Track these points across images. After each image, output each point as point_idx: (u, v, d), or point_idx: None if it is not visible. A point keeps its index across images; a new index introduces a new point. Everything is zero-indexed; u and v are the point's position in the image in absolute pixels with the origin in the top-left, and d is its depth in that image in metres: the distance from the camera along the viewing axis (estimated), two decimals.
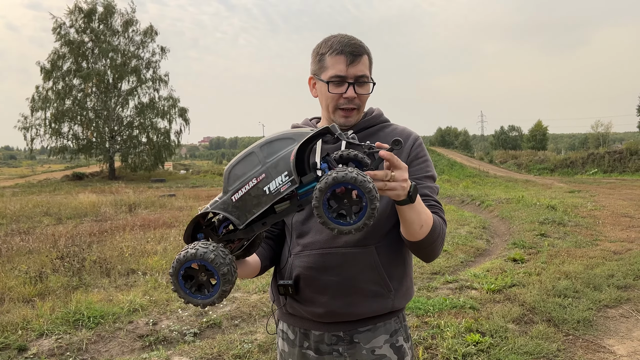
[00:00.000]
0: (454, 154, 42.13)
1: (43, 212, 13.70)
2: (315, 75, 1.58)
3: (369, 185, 1.06)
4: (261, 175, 1.16)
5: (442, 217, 1.51)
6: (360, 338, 1.55)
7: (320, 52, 1.55)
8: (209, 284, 1.21)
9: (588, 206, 13.11)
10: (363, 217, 1.09)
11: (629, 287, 5.64)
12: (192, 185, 28.69)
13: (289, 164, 1.13)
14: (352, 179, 1.05)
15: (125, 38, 37.20)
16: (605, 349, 4.05)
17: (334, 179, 1.06)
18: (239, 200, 1.19)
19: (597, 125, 72.63)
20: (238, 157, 1.20)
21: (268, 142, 1.17)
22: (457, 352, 3.89)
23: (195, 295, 1.22)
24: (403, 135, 1.61)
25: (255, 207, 1.18)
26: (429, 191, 1.54)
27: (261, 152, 1.17)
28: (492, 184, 23.95)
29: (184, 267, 1.19)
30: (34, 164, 67.30)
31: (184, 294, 1.22)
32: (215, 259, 1.16)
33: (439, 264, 6.94)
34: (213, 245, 1.19)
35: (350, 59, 1.49)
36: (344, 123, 1.56)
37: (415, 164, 1.57)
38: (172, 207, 14.74)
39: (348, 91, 1.51)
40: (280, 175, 1.14)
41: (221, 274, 1.17)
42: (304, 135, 1.15)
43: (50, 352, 4.12)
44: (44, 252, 7.75)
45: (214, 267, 1.16)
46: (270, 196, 1.16)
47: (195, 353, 4.01)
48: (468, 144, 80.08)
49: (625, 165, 31.25)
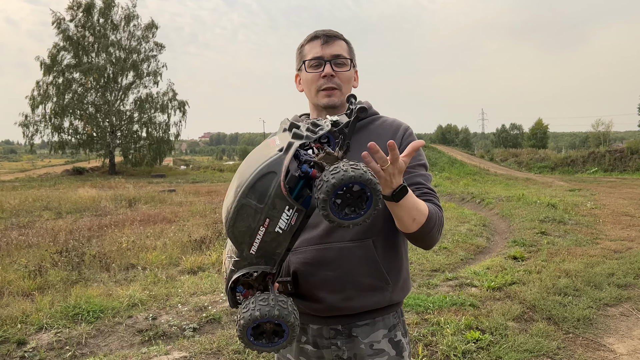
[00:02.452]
0: (455, 152, 42.10)
1: (43, 206, 13.69)
2: (298, 70, 1.64)
3: (368, 176, 1.03)
4: (266, 220, 1.13)
5: (436, 204, 1.51)
6: (358, 332, 1.55)
7: (300, 46, 1.64)
8: (277, 330, 1.22)
9: (588, 205, 13.09)
10: (371, 206, 1.08)
11: (629, 286, 5.63)
12: (192, 180, 28.67)
13: (285, 199, 1.10)
14: (350, 177, 1.02)
15: (125, 32, 37.17)
16: (605, 348, 4.04)
17: (333, 185, 1.02)
18: (259, 250, 1.18)
19: (598, 124, 72.62)
20: (231, 214, 1.14)
21: (250, 187, 1.11)
22: (457, 349, 3.88)
23: (267, 345, 1.23)
24: (393, 127, 1.61)
25: (277, 248, 1.18)
26: (423, 179, 1.54)
27: (249, 200, 1.11)
28: (492, 182, 23.93)
29: (251, 327, 1.20)
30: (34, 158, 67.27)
31: (258, 348, 1.23)
32: (280, 313, 1.16)
33: (439, 261, 6.93)
34: (271, 298, 1.19)
35: (324, 39, 1.56)
36: (327, 103, 1.57)
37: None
38: (172, 203, 14.73)
39: (325, 69, 1.55)
40: (283, 213, 1.12)
41: (289, 325, 1.18)
42: (279, 162, 1.09)
43: (49, 346, 4.11)
44: (44, 246, 7.74)
45: (282, 321, 1.17)
46: (286, 233, 1.15)
47: (195, 348, 4.00)
48: (469, 142, 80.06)
49: (625, 164, 31.21)
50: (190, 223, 10.37)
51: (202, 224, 10.22)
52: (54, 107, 34.79)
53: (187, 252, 7.50)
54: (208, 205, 13.62)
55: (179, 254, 7.34)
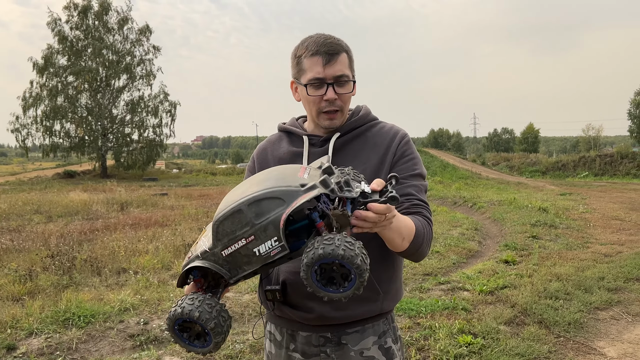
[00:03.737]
0: (447, 156, 42.27)
1: (33, 210, 13.60)
2: (295, 79, 1.55)
3: (356, 260, 1.03)
4: (250, 237, 1.13)
5: (426, 216, 1.48)
6: (348, 340, 1.53)
7: (298, 55, 1.51)
8: (205, 333, 1.21)
9: (579, 209, 13.19)
10: (352, 287, 1.07)
11: (619, 290, 5.68)
12: (184, 184, 28.58)
13: (278, 230, 1.10)
14: (338, 255, 1.02)
15: (120, 36, 37.05)
16: (595, 351, 4.07)
17: (320, 255, 1.03)
18: (229, 256, 1.18)
19: (589, 129, 73.16)
20: (225, 212, 1.15)
21: (256, 200, 1.12)
22: (450, 353, 3.90)
23: (194, 345, 1.24)
24: (390, 134, 1.59)
25: (246, 265, 1.18)
26: (414, 190, 1.52)
27: (249, 210, 1.12)
28: (484, 186, 24.04)
29: (177, 324, 1.21)
30: (25, 161, 66.73)
31: (184, 344, 1.24)
32: (200, 316, 1.16)
33: (432, 265, 6.95)
34: (199, 299, 1.18)
35: (326, 59, 1.45)
36: (329, 126, 1.54)
37: (402, 162, 1.55)
38: (164, 206, 14.67)
39: (328, 93, 1.47)
40: (270, 240, 1.12)
41: (210, 328, 1.17)
42: (294, 196, 1.10)
43: (39, 351, 4.08)
44: (34, 250, 7.68)
45: (202, 323, 1.17)
46: (261, 258, 1.14)
47: (186, 353, 3.99)
48: (461, 146, 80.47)
49: (616, 168, 31.53)
50: (183, 227, 10.33)
51: (195, 227, 10.18)
52: (45, 110, 34.57)
53: (179, 256, 7.46)
54: (200, 208, 13.58)
55: (171, 258, 7.31)
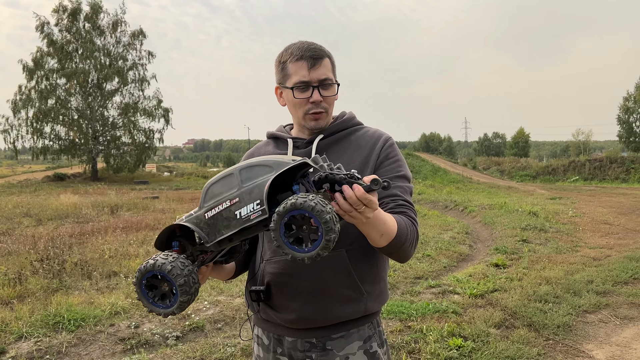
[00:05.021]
0: (438, 160, 42.42)
1: (23, 213, 13.48)
2: (280, 84, 1.60)
3: (326, 216, 1.06)
4: (235, 198, 1.18)
5: (411, 216, 1.50)
6: (333, 345, 1.54)
7: (282, 61, 1.57)
8: (171, 294, 1.23)
9: (569, 213, 13.31)
10: (317, 247, 1.09)
11: (608, 293, 5.74)
12: (175, 187, 28.47)
13: (262, 193, 1.15)
14: (309, 207, 1.06)
15: (112, 39, 36.85)
16: (584, 354, 4.11)
17: (292, 205, 1.07)
18: (211, 218, 1.22)
19: (578, 134, 73.75)
20: (219, 175, 1.23)
21: (248, 166, 1.19)
22: (440, 356, 3.92)
23: (157, 305, 1.25)
24: (374, 138, 1.62)
25: (225, 229, 1.21)
26: (399, 191, 1.54)
27: (240, 175, 1.19)
28: (475, 190, 24.16)
29: (146, 277, 1.23)
30: (14, 164, 66.12)
31: (147, 303, 1.25)
32: (172, 271, 1.18)
33: (422, 268, 6.98)
34: (173, 256, 1.21)
35: (311, 62, 1.52)
36: (314, 126, 1.58)
37: (386, 164, 1.57)
38: (155, 210, 14.61)
39: (314, 95, 1.53)
40: (252, 203, 1.16)
41: (178, 284, 1.19)
42: (283, 165, 1.16)
43: (29, 355, 4.05)
44: (24, 253, 7.62)
45: (171, 278, 1.19)
46: (240, 221, 1.18)
47: (178, 357, 3.98)
48: (452, 150, 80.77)
49: (605, 173, 31.80)
50: None
51: None
52: (36, 112, 34.30)
53: None
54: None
55: None
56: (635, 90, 46.68)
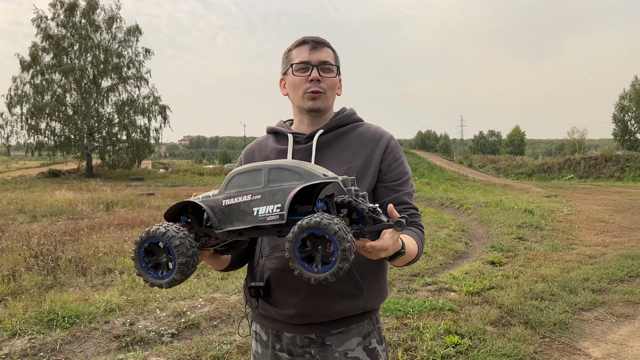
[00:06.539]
0: (434, 158, 42.51)
1: (17, 209, 13.40)
2: (283, 73, 1.65)
3: (345, 244, 1.04)
4: (257, 195, 1.17)
5: (420, 225, 1.54)
6: (332, 340, 1.54)
7: (288, 50, 1.64)
8: (166, 267, 1.21)
9: (564, 211, 13.34)
10: (328, 271, 1.07)
11: (604, 291, 5.75)
12: (171, 184, 28.38)
13: (285, 199, 1.13)
14: (332, 230, 1.03)
15: (108, 34, 36.66)
16: (580, 352, 4.11)
17: (316, 223, 1.05)
18: (228, 207, 1.20)
19: (573, 132, 74.06)
20: (247, 167, 1.21)
21: (278, 167, 1.17)
22: (436, 353, 3.91)
23: (149, 272, 1.23)
24: (375, 136, 1.62)
25: (238, 221, 1.20)
26: (408, 198, 1.57)
27: (268, 174, 1.17)
28: (471, 188, 24.22)
29: (149, 242, 1.21)
30: (8, 160, 65.81)
31: (139, 266, 1.23)
32: (179, 247, 1.16)
33: (419, 266, 6.98)
34: (184, 232, 1.19)
35: (312, 45, 1.57)
36: (312, 106, 1.59)
37: (394, 167, 1.58)
38: (151, 206, 14.55)
39: (312, 73, 1.56)
40: (273, 205, 1.15)
41: (179, 262, 1.17)
42: (313, 178, 1.14)
43: (23, 352, 4.02)
44: (18, 250, 7.56)
45: (175, 253, 1.16)
46: (255, 218, 1.17)
47: (173, 354, 3.96)
48: (448, 148, 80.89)
49: (600, 171, 31.95)
50: None
51: None
52: (31, 108, 34.10)
53: None
54: None
55: None
56: (632, 88, 46.89)
